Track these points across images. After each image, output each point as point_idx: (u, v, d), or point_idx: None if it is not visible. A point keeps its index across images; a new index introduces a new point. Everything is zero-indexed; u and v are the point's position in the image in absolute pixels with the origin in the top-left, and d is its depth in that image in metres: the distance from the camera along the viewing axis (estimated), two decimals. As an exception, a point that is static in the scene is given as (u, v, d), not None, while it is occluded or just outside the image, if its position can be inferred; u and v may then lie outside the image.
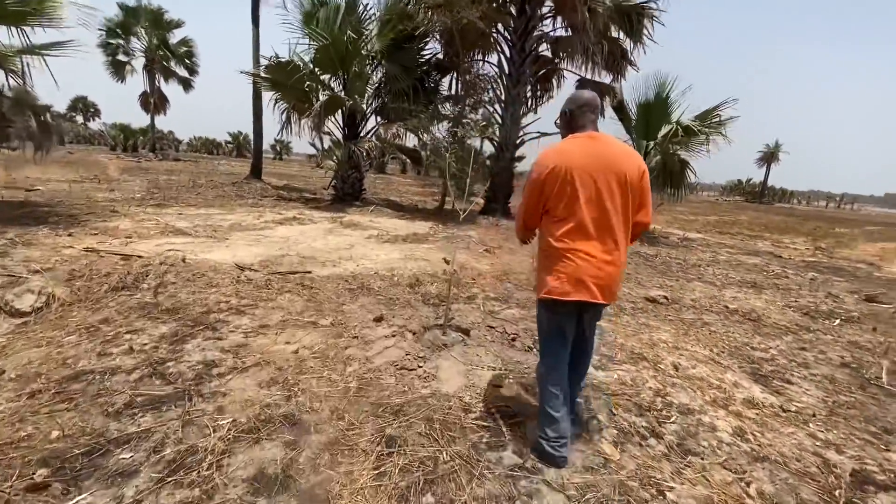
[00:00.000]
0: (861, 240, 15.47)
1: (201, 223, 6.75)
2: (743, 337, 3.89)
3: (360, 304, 3.73)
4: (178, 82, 28.67)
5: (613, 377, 2.82)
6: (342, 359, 2.74)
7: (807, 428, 2.48)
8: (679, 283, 5.87)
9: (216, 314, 3.22)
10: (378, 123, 11.64)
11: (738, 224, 17.73)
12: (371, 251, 5.90)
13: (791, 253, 10.41)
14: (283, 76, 10.05)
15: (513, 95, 10.35)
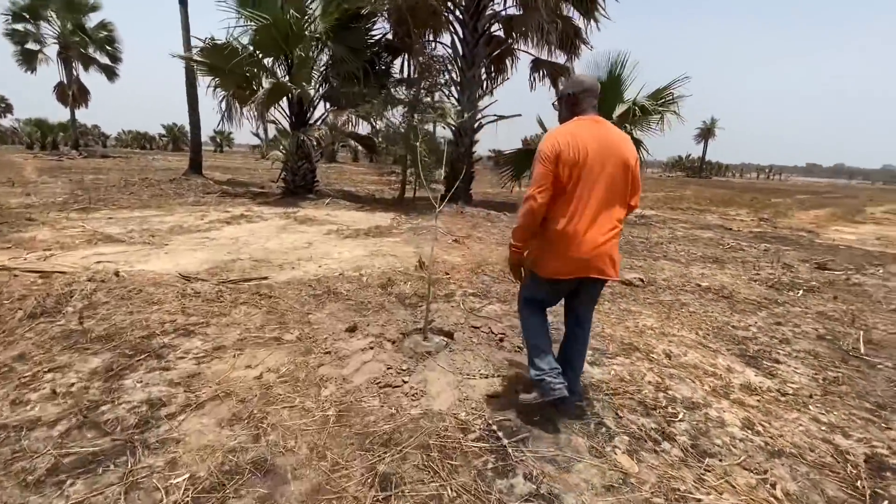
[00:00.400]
0: (795, 208, 16.56)
1: (136, 228, 6.03)
2: (722, 316, 3.88)
3: (329, 311, 3.36)
4: (100, 71, 26.10)
5: (611, 373, 2.66)
6: (315, 381, 2.39)
7: (808, 411, 2.42)
8: (648, 262, 5.88)
9: (160, 338, 2.76)
10: (327, 110, 11.00)
11: (685, 199, 18.49)
12: (333, 249, 5.48)
13: (739, 225, 10.89)
14: (221, 60, 9.21)
15: (468, 78, 10.03)
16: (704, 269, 5.65)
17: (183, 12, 12.69)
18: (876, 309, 4.36)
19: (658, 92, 9.47)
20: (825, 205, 19.29)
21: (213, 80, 9.66)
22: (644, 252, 6.59)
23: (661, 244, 7.34)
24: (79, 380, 2.28)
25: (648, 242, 7.40)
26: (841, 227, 11.38)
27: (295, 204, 9.35)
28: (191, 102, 12.91)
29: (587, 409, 2.28)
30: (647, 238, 7.80)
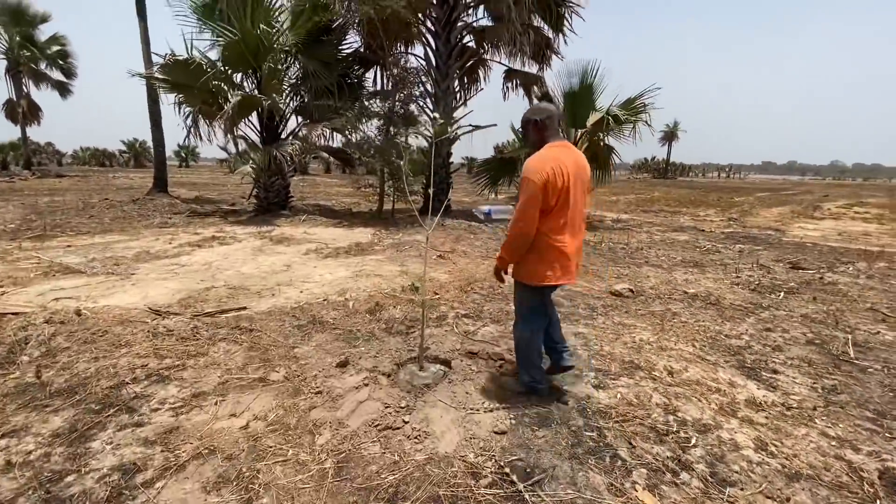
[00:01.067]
0: (759, 207, 17.19)
1: (98, 256, 5.64)
2: (713, 324, 3.87)
3: (316, 343, 3.16)
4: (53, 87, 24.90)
5: (617, 397, 2.57)
6: (308, 427, 2.20)
7: (815, 425, 2.39)
8: (632, 270, 5.90)
9: (131, 387, 2.50)
10: (300, 123, 10.72)
11: (656, 201, 18.95)
12: (313, 270, 5.25)
13: (710, 225, 11.18)
14: (184, 76, 8.84)
15: (443, 89, 9.98)
16: (687, 275, 5.70)
17: (142, 26, 12.17)
18: (854, 308, 4.46)
19: (630, 101, 9.64)
20: (785, 202, 20.14)
21: (178, 96, 9.26)
22: (627, 259, 6.62)
23: (641, 249, 7.41)
24: (38, 445, 2.02)
25: (629, 248, 7.45)
26: (803, 224, 11.84)
27: (269, 222, 9.02)
28: (153, 119, 12.35)
29: (600, 440, 2.17)
30: (627, 244, 7.86)
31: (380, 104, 9.73)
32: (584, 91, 10.48)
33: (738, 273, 5.85)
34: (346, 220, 9.78)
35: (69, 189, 15.96)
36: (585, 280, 5.23)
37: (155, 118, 12.33)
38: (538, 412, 2.40)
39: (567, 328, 3.63)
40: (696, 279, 5.48)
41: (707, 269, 6.12)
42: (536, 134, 2.35)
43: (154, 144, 13.07)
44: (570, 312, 4.03)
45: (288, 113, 10.57)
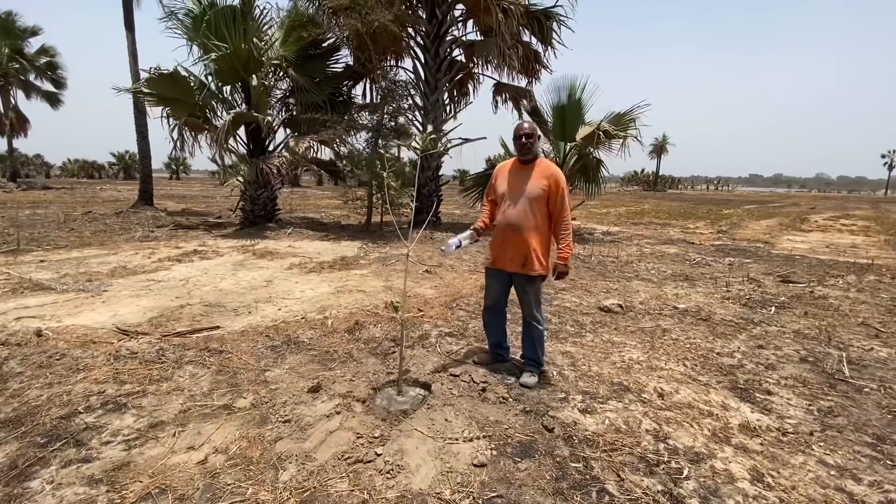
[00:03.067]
0: (747, 219, 17.32)
1: (71, 271, 5.42)
2: (704, 342, 3.76)
3: (289, 366, 2.99)
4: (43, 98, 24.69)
5: (605, 423, 2.42)
6: (272, 461, 2.03)
7: (813, 452, 2.26)
8: (621, 284, 5.79)
9: (83, 416, 2.31)
10: (288, 136, 10.61)
11: (645, 213, 19.03)
12: (294, 286, 5.08)
13: (700, 238, 11.17)
14: (171, 90, 8.72)
15: (432, 102, 9.94)
16: (678, 289, 5.61)
17: (130, 39, 12.08)
18: (846, 323, 4.38)
19: (620, 116, 9.66)
20: (773, 214, 20.35)
21: (165, 109, 9.13)
22: (616, 272, 6.52)
23: (630, 262, 7.33)
24: (-31, 486, 1.82)
25: (619, 261, 7.37)
26: (792, 237, 11.89)
27: (254, 235, 8.84)
28: (140, 130, 12.19)
29: (586, 473, 2.02)
30: (616, 257, 7.78)
31: (368, 117, 9.66)
32: (572, 105, 10.50)
33: (729, 287, 5.76)
34: (333, 233, 9.62)
35: (53, 201, 15.66)
36: (574, 295, 5.11)
37: (141, 129, 12.17)
38: (521, 440, 2.24)
39: (554, 346, 3.49)
40: (687, 293, 5.39)
41: (697, 282, 6.03)
42: (537, 147, 2.85)
43: (140, 156, 12.89)
44: (558, 329, 3.89)
45: (276, 125, 10.47)
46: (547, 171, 2.78)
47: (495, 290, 3.01)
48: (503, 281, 2.95)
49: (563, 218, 2.76)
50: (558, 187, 2.73)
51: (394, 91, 9.33)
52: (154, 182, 14.31)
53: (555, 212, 2.77)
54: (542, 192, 2.73)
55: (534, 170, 2.80)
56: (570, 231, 2.79)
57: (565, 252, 2.77)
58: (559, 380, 2.92)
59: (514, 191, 2.82)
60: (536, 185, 2.75)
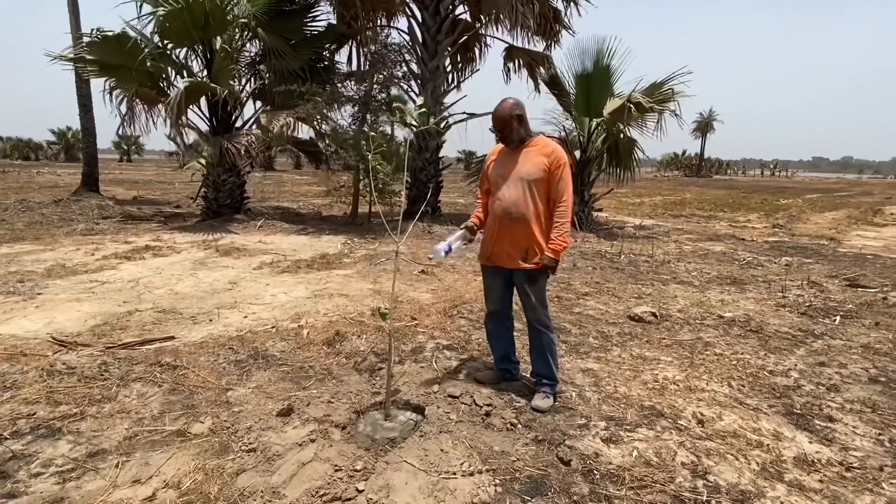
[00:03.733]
0: (809, 211, 17.27)
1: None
2: (754, 358, 3.74)
3: (255, 384, 2.99)
4: (-34, 65, 24.68)
5: (633, 455, 2.41)
6: (233, 498, 2.03)
7: (883, 492, 2.24)
8: (656, 288, 5.78)
9: (10, 442, 2.32)
10: (258, 110, 10.62)
11: (686, 204, 19.00)
12: (264, 289, 5.08)
13: (751, 233, 11.15)
14: (117, 55, 8.72)
15: (431, 69, 9.92)
16: (723, 294, 5.59)
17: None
18: (926, 337, 4.35)
19: (656, 86, 9.61)
20: (840, 205, 20.27)
21: (108, 80, 9.13)
22: (650, 274, 6.51)
23: (668, 262, 7.31)
24: None
25: (654, 261, 7.36)
26: (862, 232, 11.85)
27: (218, 228, 8.85)
28: (82, 103, 12.19)
29: None
30: (651, 255, 7.76)
31: (355, 87, 9.65)
32: (600, 74, 10.47)
33: (785, 292, 5.75)
34: (312, 225, 9.63)
35: (-20, 188, 15.72)
36: (599, 301, 5.10)
37: (84, 102, 12.18)
38: (531, 475, 2.24)
39: (574, 363, 3.49)
40: (735, 300, 5.37)
41: (747, 286, 6.02)
42: (523, 127, 2.83)
43: (83, 133, 12.93)
44: (579, 343, 3.88)
45: (244, 97, 10.47)
46: (546, 148, 2.79)
47: (496, 292, 3.00)
48: (504, 280, 2.93)
49: (562, 203, 2.74)
50: (559, 166, 2.74)
51: (385, 56, 9.31)
52: (101, 165, 14.35)
53: (553, 194, 2.76)
54: (542, 173, 2.73)
55: (528, 151, 2.81)
56: (568, 219, 2.76)
57: (557, 243, 2.74)
58: (579, 402, 2.91)
59: (508, 174, 2.81)
60: (534, 165, 2.74)
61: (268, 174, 30.57)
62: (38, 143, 52.60)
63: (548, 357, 2.90)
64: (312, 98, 9.08)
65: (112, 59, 8.82)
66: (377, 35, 9.72)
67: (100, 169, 13.75)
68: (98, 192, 12.73)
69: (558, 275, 5.15)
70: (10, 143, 51.14)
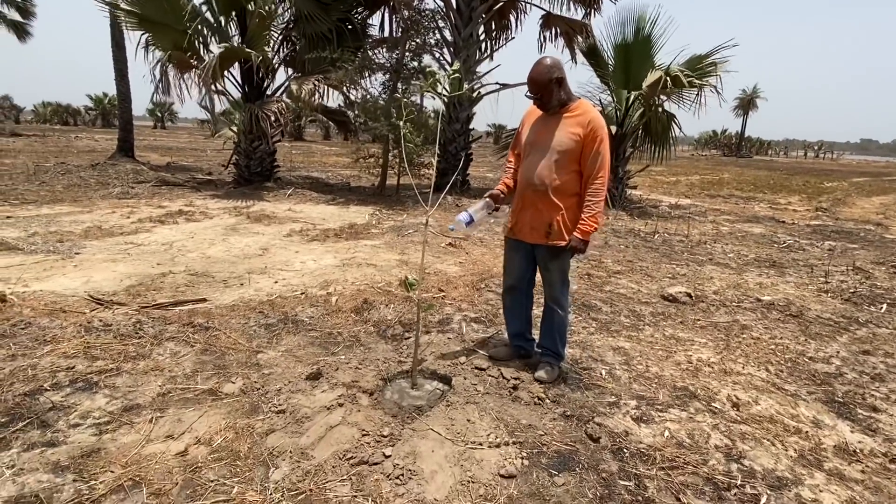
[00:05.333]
0: (855, 194, 16.50)
1: (40, 230, 5.62)
2: (794, 343, 3.61)
3: (285, 348, 3.03)
4: (9, 28, 25.31)
5: (664, 435, 2.36)
6: (263, 457, 2.06)
7: (930, 486, 2.15)
8: (691, 268, 5.62)
9: (49, 394, 2.41)
10: (289, 77, 10.58)
11: (724, 184, 18.37)
12: (294, 256, 5.13)
13: (792, 216, 10.73)
14: (158, 11, 8.77)
15: (464, 37, 9.68)
16: (761, 277, 5.41)
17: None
18: (981, 328, 4.13)
19: (697, 59, 9.18)
20: (889, 189, 19.31)
21: (146, 35, 9.21)
22: (685, 255, 6.33)
23: (704, 243, 7.10)
24: (-76, 465, 1.92)
25: (689, 241, 7.15)
26: (913, 218, 11.27)
27: (249, 196, 8.96)
28: (118, 68, 12.38)
29: (638, 494, 1.98)
30: (685, 236, 7.55)
31: (386, 55, 9.50)
32: (640, 44, 10.05)
33: (828, 277, 5.52)
34: (341, 195, 9.66)
35: (23, 150, 16.25)
36: (632, 280, 4.99)
37: (120, 67, 12.35)
38: (559, 450, 2.21)
39: (604, 341, 3.42)
40: (773, 283, 5.19)
41: (787, 270, 5.80)
42: (563, 90, 2.63)
43: (119, 99, 13.13)
44: (610, 321, 3.81)
45: (276, 64, 10.44)
46: (584, 117, 2.58)
47: (516, 266, 2.90)
48: (526, 254, 2.83)
49: (597, 180, 2.57)
50: (595, 138, 2.54)
51: (419, 23, 9.12)
52: (135, 131, 14.62)
53: (586, 169, 2.59)
54: (575, 144, 2.56)
55: (567, 117, 2.62)
56: (601, 199, 2.59)
57: (588, 224, 2.59)
58: (609, 381, 2.86)
59: (539, 141, 2.67)
60: (567, 135, 2.57)
61: (297, 144, 30.76)
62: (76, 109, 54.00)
63: (555, 335, 2.84)
64: (343, 65, 8.98)
65: (152, 14, 8.90)
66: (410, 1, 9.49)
67: (134, 135, 14.02)
68: (133, 158, 13.00)
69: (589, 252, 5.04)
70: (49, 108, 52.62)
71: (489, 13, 10.45)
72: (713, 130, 64.46)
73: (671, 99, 9.86)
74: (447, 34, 10.01)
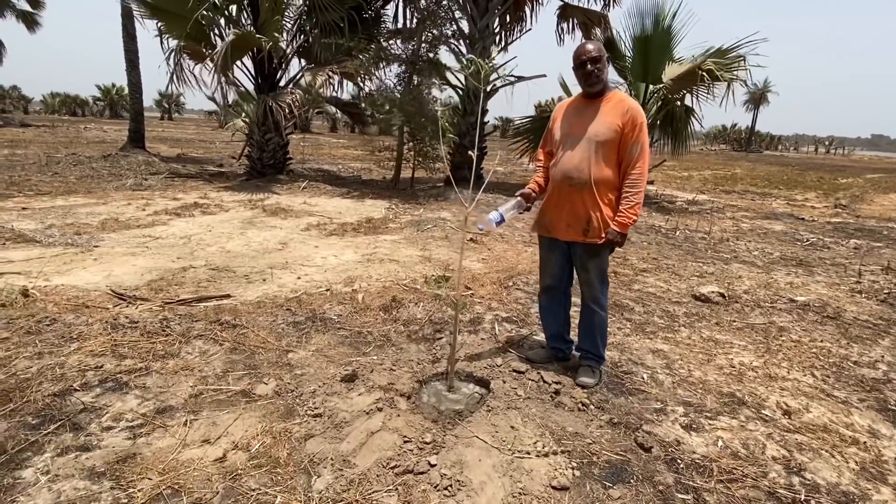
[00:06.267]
0: (871, 191, 16.25)
1: (57, 222, 5.56)
2: (836, 346, 3.49)
3: (315, 348, 2.94)
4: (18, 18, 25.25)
5: (717, 444, 2.26)
6: (304, 464, 1.98)
7: None
8: (717, 266, 5.50)
9: (80, 394, 2.33)
10: (302, 68, 10.46)
11: (738, 179, 18.15)
12: (314, 251, 5.04)
13: (811, 213, 10.56)
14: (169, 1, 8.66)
15: (480, 28, 9.51)
16: (791, 276, 5.28)
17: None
18: None
19: (722, 53, 8.99)
20: (906, 186, 19.01)
21: (159, 24, 9.11)
22: (709, 252, 6.20)
23: (726, 240, 6.96)
24: (-45, 469, 1.85)
25: (711, 238, 7.01)
26: (935, 216, 11.05)
27: (263, 188, 8.88)
28: (129, 58, 12.29)
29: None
30: (707, 233, 7.41)
31: (401, 46, 9.35)
32: (659, 36, 9.84)
33: (858, 276, 5.38)
34: (354, 189, 9.56)
35: (33, 141, 16.23)
36: (659, 279, 4.87)
37: (131, 57, 12.26)
38: (610, 460, 2.12)
39: (641, 343, 3.32)
40: (804, 283, 5.06)
41: (815, 269, 5.67)
42: (606, 74, 2.56)
43: (130, 90, 13.05)
44: (644, 321, 3.70)
45: (289, 55, 10.31)
46: (621, 105, 2.47)
47: (554, 266, 2.78)
48: (562, 253, 2.72)
49: (636, 169, 2.45)
50: (635, 128, 2.43)
51: (435, 14, 8.96)
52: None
53: (625, 159, 2.48)
54: (614, 134, 2.44)
55: (604, 105, 2.50)
56: (641, 189, 2.47)
57: (627, 216, 2.47)
58: (652, 385, 2.76)
59: (575, 133, 2.53)
60: (606, 125, 2.45)
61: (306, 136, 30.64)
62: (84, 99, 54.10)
63: (596, 336, 2.74)
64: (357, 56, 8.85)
65: (164, 3, 8.80)
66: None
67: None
68: (144, 149, 12.94)
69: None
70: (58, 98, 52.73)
71: (505, 4, 10.27)
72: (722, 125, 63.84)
73: (692, 92, 9.69)
74: (464, 25, 9.85)
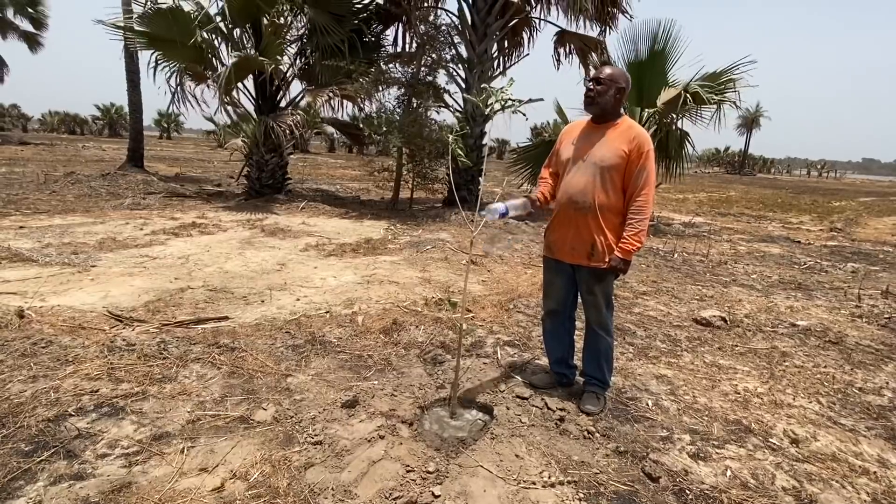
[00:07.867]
0: (865, 214, 16.39)
1: (54, 241, 5.51)
2: (839, 372, 3.46)
3: (315, 371, 2.89)
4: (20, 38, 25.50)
5: (726, 474, 2.22)
6: (303, 494, 1.92)
7: None
8: (717, 290, 5.49)
9: (74, 420, 2.27)
10: (303, 89, 10.56)
11: (733, 202, 18.30)
12: (313, 272, 5.01)
13: (807, 236, 10.61)
14: (167, 29, 8.75)
15: (479, 53, 9.65)
16: (790, 300, 5.27)
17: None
18: None
19: (715, 76, 9.13)
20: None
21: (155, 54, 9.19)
22: (708, 275, 6.20)
23: (724, 263, 6.97)
24: (-56, 500, 1.79)
25: (709, 261, 7.02)
26: (930, 240, 11.13)
27: (261, 208, 8.87)
28: (130, 79, 12.36)
29: None
30: (705, 255, 7.42)
31: (401, 69, 9.47)
32: (653, 60, 9.98)
33: (857, 301, 5.38)
34: (353, 209, 9.56)
35: (31, 159, 16.24)
36: (659, 302, 4.85)
37: (132, 78, 12.34)
38: (617, 491, 2.07)
39: (645, 368, 3.29)
40: (804, 307, 5.05)
41: (814, 293, 5.67)
42: (618, 103, 2.51)
43: (130, 109, 13.10)
44: (646, 346, 3.67)
45: (290, 76, 10.42)
46: (629, 132, 2.47)
47: (558, 289, 2.76)
48: (567, 277, 2.70)
49: (641, 196, 2.45)
50: (641, 154, 2.43)
51: (435, 38, 9.09)
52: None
53: (630, 186, 2.47)
54: (620, 160, 2.43)
55: (611, 131, 2.51)
56: (646, 216, 2.46)
57: (630, 243, 2.46)
58: (657, 412, 2.72)
59: (581, 156, 2.54)
60: (612, 150, 2.45)
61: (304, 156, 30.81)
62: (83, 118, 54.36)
63: (602, 362, 2.72)
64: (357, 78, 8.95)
65: (162, 32, 8.86)
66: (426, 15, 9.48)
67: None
68: (143, 168, 12.94)
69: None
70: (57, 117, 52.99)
71: (503, 30, 10.44)
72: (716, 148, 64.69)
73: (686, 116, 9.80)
74: (462, 50, 9.98)
